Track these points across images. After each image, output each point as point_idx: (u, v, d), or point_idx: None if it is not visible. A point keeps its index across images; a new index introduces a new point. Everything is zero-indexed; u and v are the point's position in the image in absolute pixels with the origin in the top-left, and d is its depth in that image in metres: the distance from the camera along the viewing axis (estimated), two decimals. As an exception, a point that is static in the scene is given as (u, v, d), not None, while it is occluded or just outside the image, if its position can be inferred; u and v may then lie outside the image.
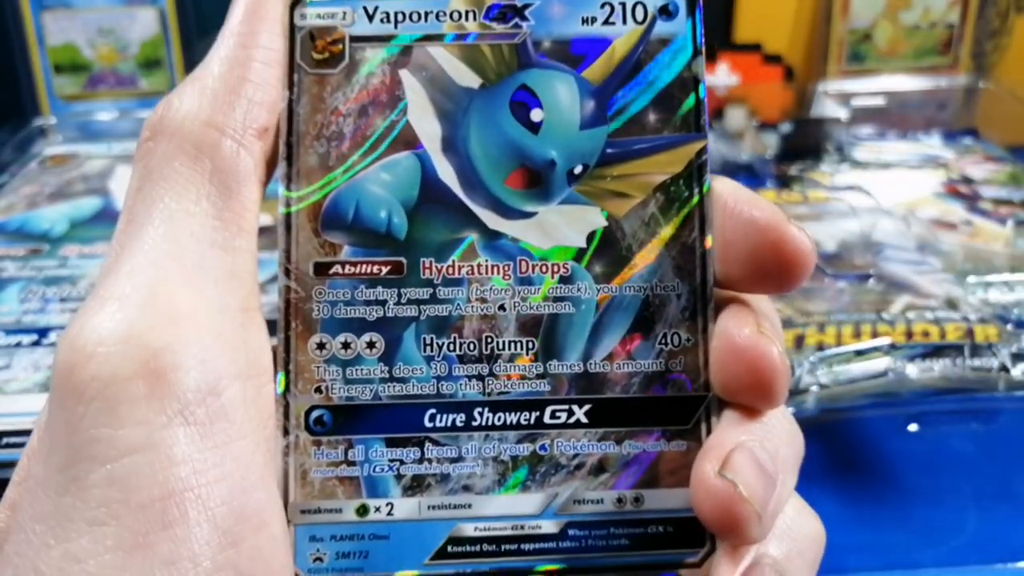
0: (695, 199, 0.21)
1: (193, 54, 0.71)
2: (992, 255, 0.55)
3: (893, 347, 0.45)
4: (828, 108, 0.75)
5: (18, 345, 0.43)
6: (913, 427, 0.45)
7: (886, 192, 0.62)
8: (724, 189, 0.21)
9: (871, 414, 0.45)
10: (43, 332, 0.43)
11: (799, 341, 0.46)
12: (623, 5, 0.22)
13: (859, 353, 0.45)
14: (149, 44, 0.70)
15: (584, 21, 0.22)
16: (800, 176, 0.66)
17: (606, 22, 0.22)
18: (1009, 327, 0.47)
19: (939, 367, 0.45)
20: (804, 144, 0.71)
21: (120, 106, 0.71)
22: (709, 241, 0.21)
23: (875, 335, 0.46)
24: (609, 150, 0.22)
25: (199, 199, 0.20)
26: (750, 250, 0.21)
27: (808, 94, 0.77)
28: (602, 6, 0.22)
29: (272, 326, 0.21)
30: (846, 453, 0.44)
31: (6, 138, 0.67)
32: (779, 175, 0.66)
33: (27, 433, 0.37)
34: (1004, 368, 0.45)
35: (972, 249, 0.56)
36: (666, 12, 0.22)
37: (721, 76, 0.77)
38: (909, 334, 0.46)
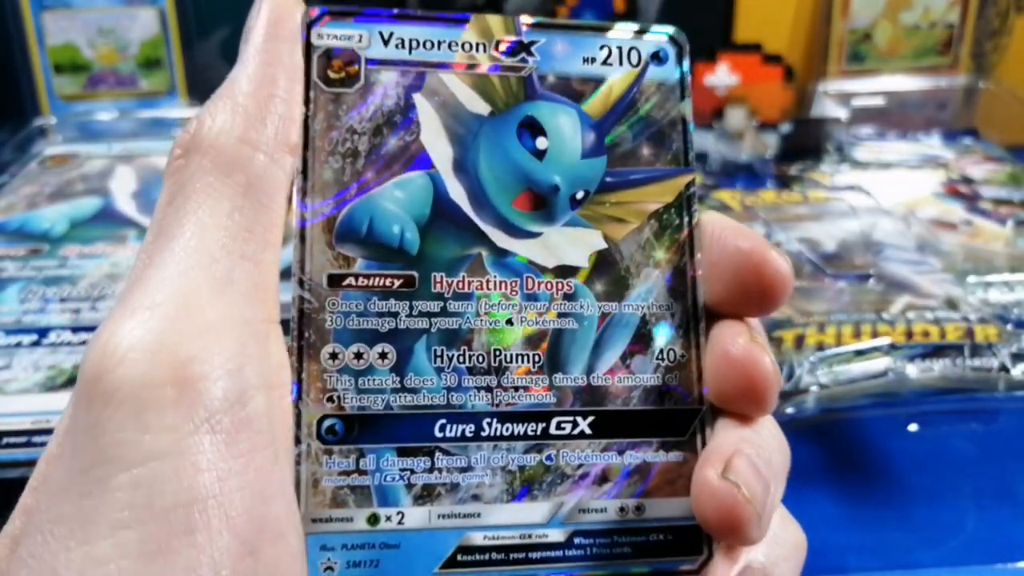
0: (686, 226, 0.23)
1: (193, 54, 0.71)
2: (992, 255, 0.55)
3: (893, 347, 0.45)
4: (828, 108, 0.75)
5: (18, 345, 0.43)
6: (913, 427, 0.45)
7: (886, 192, 0.62)
8: (711, 220, 0.23)
9: (871, 414, 0.45)
10: (43, 332, 0.43)
11: (799, 341, 0.46)
12: (620, 49, 0.24)
13: (859, 353, 0.45)
14: (149, 44, 0.70)
15: (585, 60, 0.24)
16: (800, 176, 0.66)
17: (604, 63, 0.24)
18: (1009, 327, 0.47)
19: (939, 367, 0.45)
20: (804, 144, 0.71)
21: (120, 106, 0.71)
22: (699, 264, 0.23)
23: (875, 335, 0.46)
24: (608, 179, 0.23)
25: (232, 212, 0.20)
26: (734, 273, 0.22)
27: (808, 94, 0.77)
28: (601, 48, 0.24)
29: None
30: (846, 453, 0.44)
31: (6, 138, 0.67)
32: (779, 175, 0.66)
33: (27, 433, 0.38)
34: (1004, 368, 0.45)
35: (972, 249, 0.56)
36: (657, 58, 0.24)
37: (721, 76, 0.77)
38: (909, 334, 0.46)
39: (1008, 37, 0.78)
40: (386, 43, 0.23)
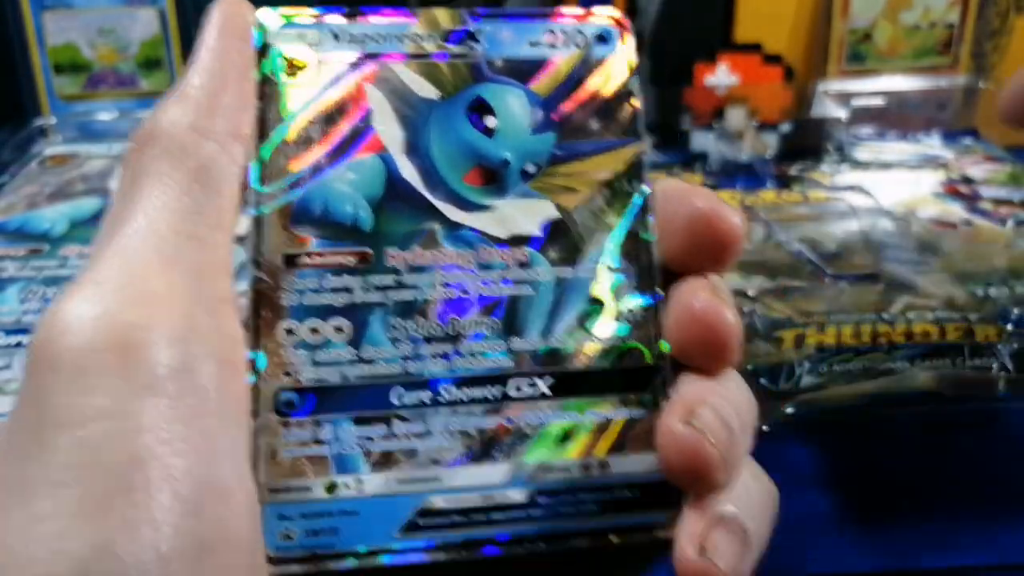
0: (637, 192, 0.24)
1: (193, 54, 0.71)
2: (992, 255, 0.55)
3: (893, 347, 0.45)
4: (828, 108, 0.75)
5: (18, 345, 0.43)
6: (913, 428, 0.45)
7: (886, 192, 0.62)
8: (665, 183, 0.24)
9: (871, 414, 0.45)
10: (43, 332, 0.43)
11: (799, 341, 0.46)
12: (564, 32, 0.25)
13: (859, 353, 0.45)
14: (149, 44, 0.70)
15: (531, 44, 0.25)
16: (800, 176, 0.66)
17: (550, 45, 0.25)
18: (1009, 327, 0.47)
19: (939, 367, 0.45)
20: (804, 144, 0.71)
21: (120, 106, 0.71)
22: (652, 227, 0.24)
23: (875, 335, 0.46)
24: (558, 152, 0.24)
25: (181, 195, 0.21)
26: (688, 229, 0.23)
27: (808, 94, 0.77)
28: (546, 32, 0.25)
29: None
30: (846, 453, 0.44)
31: (6, 138, 0.67)
32: (779, 175, 0.66)
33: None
34: (1004, 368, 0.45)
35: (972, 249, 0.56)
36: (602, 39, 0.25)
37: (721, 76, 0.77)
38: (909, 334, 0.46)
39: (1008, 37, 0.78)
40: (337, 39, 0.24)
